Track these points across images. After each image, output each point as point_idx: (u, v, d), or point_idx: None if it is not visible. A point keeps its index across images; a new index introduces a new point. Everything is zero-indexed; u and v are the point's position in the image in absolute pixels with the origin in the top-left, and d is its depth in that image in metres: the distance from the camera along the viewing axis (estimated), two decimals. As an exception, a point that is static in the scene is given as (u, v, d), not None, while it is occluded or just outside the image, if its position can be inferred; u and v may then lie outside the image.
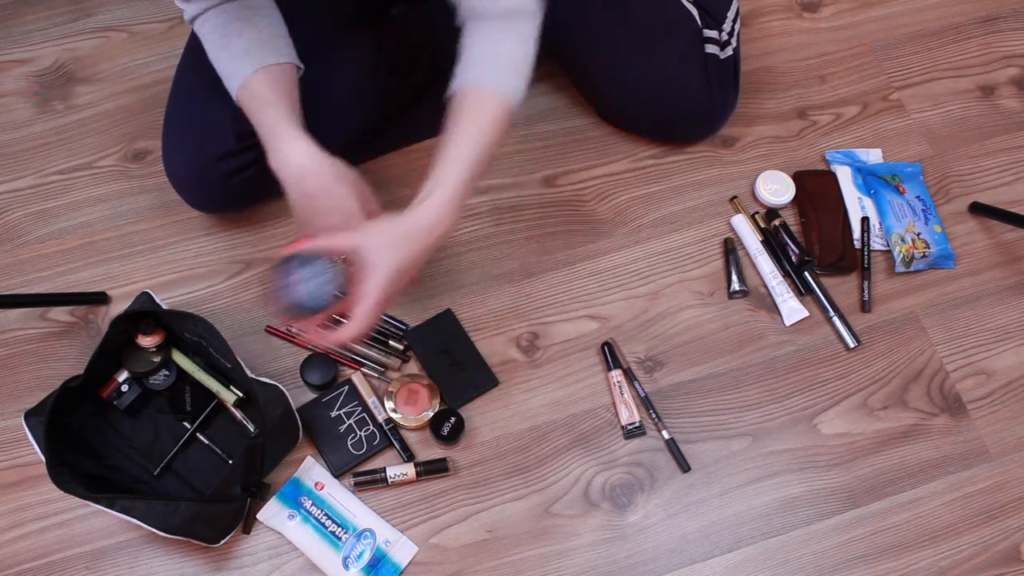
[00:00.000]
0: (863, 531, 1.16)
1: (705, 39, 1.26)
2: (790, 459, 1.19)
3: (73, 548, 1.12)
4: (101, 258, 1.28)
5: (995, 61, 1.46)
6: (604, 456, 1.18)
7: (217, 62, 1.06)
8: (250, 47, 1.04)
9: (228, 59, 1.05)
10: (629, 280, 1.28)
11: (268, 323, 1.24)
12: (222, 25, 1.04)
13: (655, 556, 1.14)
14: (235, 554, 1.12)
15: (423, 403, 1.18)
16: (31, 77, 1.40)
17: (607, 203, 1.33)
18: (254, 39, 1.05)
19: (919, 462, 1.19)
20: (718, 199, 1.34)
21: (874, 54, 1.46)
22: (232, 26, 1.04)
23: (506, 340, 1.24)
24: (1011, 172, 1.38)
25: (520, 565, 1.13)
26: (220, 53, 1.05)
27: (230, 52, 1.04)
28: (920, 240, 1.30)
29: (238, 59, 1.04)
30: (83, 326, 1.24)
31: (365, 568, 1.10)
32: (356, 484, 1.14)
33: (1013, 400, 1.23)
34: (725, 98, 1.30)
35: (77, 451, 1.09)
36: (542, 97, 1.40)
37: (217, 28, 1.04)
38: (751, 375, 1.23)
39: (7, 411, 1.19)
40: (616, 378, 1.21)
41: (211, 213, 1.29)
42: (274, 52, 1.05)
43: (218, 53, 1.05)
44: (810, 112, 1.41)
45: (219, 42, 1.05)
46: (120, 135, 1.36)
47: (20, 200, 1.31)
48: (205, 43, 1.07)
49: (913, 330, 1.27)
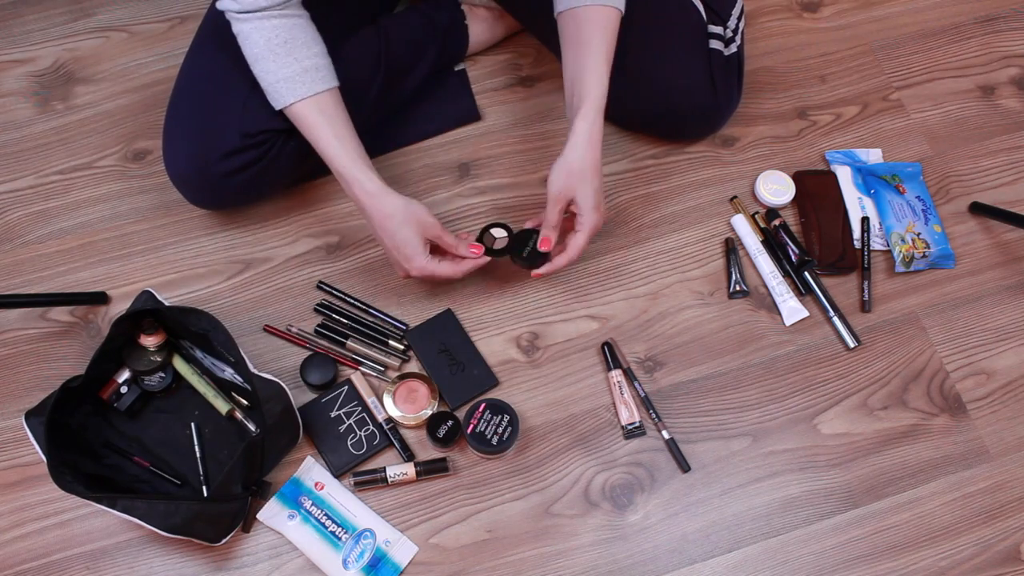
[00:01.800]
0: (863, 531, 1.16)
1: (710, 35, 1.26)
2: (790, 459, 1.19)
3: (73, 548, 1.13)
4: (101, 258, 1.28)
5: (995, 61, 1.46)
6: (604, 456, 1.18)
7: (270, 64, 1.07)
8: (320, 64, 1.08)
9: (292, 68, 1.06)
10: (629, 280, 1.28)
11: (267, 323, 1.24)
12: (289, 28, 1.06)
13: (655, 556, 1.14)
14: (235, 554, 1.12)
15: (422, 401, 1.18)
16: (31, 77, 1.40)
17: (607, 203, 1.33)
18: (321, 55, 1.09)
19: (919, 462, 1.19)
20: (718, 199, 1.34)
21: (874, 54, 1.46)
22: (298, 35, 1.06)
23: (506, 340, 1.24)
24: (1011, 172, 1.38)
25: (520, 565, 1.13)
26: (280, 59, 1.06)
27: (297, 62, 1.06)
28: (920, 240, 1.30)
29: (308, 73, 1.07)
30: (83, 326, 1.24)
31: (365, 568, 1.10)
32: (356, 484, 1.14)
33: (1013, 400, 1.23)
34: (729, 95, 1.30)
35: (78, 451, 1.09)
36: (542, 97, 1.40)
37: (281, 30, 1.06)
38: (751, 375, 1.23)
39: (7, 411, 1.19)
40: (616, 378, 1.21)
41: (210, 210, 1.29)
42: (333, 75, 1.10)
43: (277, 58, 1.06)
44: (810, 112, 1.41)
45: (280, 48, 1.06)
46: (120, 135, 1.36)
47: (20, 200, 1.31)
48: (253, 38, 1.06)
49: (913, 330, 1.27)
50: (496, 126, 1.38)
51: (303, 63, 1.07)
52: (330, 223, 1.30)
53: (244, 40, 1.08)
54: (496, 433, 1.13)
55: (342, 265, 1.28)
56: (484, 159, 1.35)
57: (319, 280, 1.26)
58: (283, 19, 1.06)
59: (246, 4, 1.04)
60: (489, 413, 1.14)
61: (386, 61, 1.27)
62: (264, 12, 1.05)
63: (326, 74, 1.09)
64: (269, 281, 1.27)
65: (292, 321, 1.24)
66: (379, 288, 1.27)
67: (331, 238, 1.30)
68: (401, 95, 1.32)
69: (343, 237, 1.30)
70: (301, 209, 1.31)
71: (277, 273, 1.27)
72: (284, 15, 1.06)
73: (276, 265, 1.28)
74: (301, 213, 1.31)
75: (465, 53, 1.39)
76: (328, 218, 1.31)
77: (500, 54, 1.43)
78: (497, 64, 1.42)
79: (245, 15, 1.05)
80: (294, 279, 1.27)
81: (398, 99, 1.32)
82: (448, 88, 1.38)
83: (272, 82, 1.08)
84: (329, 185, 1.32)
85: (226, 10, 1.07)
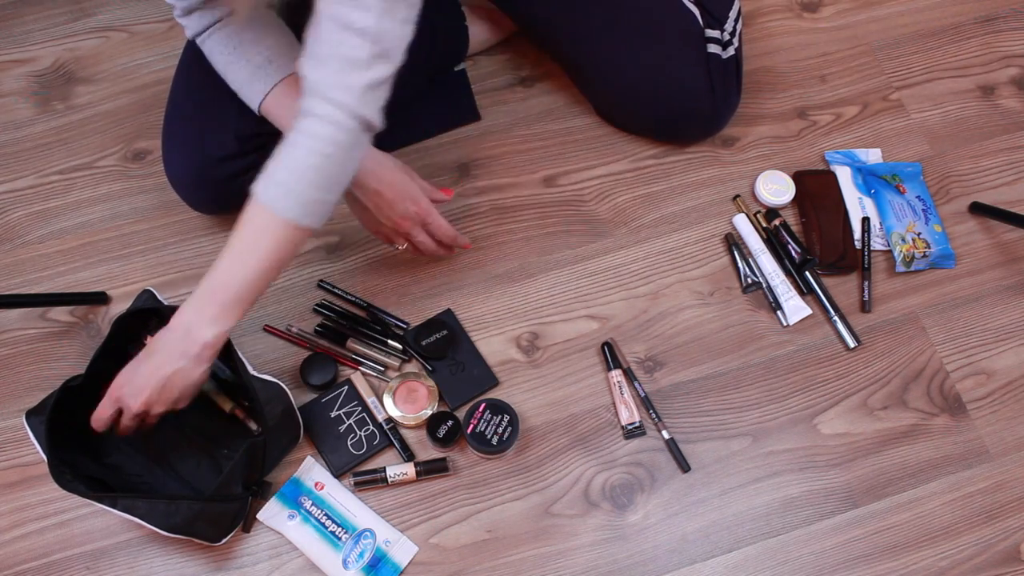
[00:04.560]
0: (863, 531, 1.16)
1: (707, 39, 1.26)
2: (790, 459, 1.19)
3: (73, 548, 1.13)
4: (101, 258, 1.28)
5: (995, 61, 1.46)
6: (604, 456, 1.18)
7: (231, 74, 1.07)
8: (272, 56, 1.06)
9: (247, 70, 1.06)
10: (629, 280, 1.28)
11: (267, 323, 1.24)
12: (234, 35, 1.05)
13: (655, 556, 1.14)
14: (235, 554, 1.12)
15: (422, 401, 1.18)
16: (31, 77, 1.40)
17: (607, 203, 1.33)
18: (272, 47, 1.06)
19: (919, 462, 1.19)
20: (718, 199, 1.34)
21: (874, 54, 1.46)
22: (245, 36, 1.05)
23: (506, 340, 1.24)
24: (1011, 172, 1.38)
25: (520, 565, 1.13)
26: (236, 65, 1.06)
27: (249, 63, 1.05)
28: (920, 240, 1.30)
29: (261, 68, 1.05)
30: (83, 326, 1.24)
31: (365, 568, 1.10)
32: (356, 484, 1.14)
33: (1013, 400, 1.23)
34: (727, 98, 1.30)
35: (78, 451, 1.09)
36: (542, 97, 1.40)
37: (228, 39, 1.05)
38: (751, 375, 1.23)
39: (7, 411, 1.19)
40: (616, 378, 1.21)
41: (210, 214, 1.29)
42: (289, 62, 1.07)
43: (233, 65, 1.06)
44: (810, 112, 1.41)
45: (231, 55, 1.05)
46: (120, 135, 1.36)
47: (20, 200, 1.32)
48: (213, 57, 1.07)
49: (913, 330, 1.27)
50: (496, 126, 1.38)
51: (253, 61, 1.06)
52: (330, 223, 1.30)
53: (210, 60, 1.09)
54: (496, 433, 1.13)
55: (342, 265, 1.28)
56: (484, 159, 1.35)
57: (320, 280, 1.26)
58: (228, 26, 1.06)
59: (195, 28, 1.06)
60: (489, 413, 1.14)
61: (386, 61, 1.26)
62: (211, 28, 1.06)
63: (281, 63, 1.06)
64: (269, 281, 1.27)
65: (292, 321, 1.24)
66: (379, 288, 1.27)
67: (331, 238, 1.30)
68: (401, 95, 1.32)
69: (343, 237, 1.30)
70: (301, 209, 1.31)
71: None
72: (228, 22, 1.06)
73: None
74: (301, 213, 1.31)
75: (465, 53, 1.39)
76: (328, 218, 1.30)
77: (500, 54, 1.43)
78: (497, 64, 1.42)
79: (200, 37, 1.07)
80: (294, 279, 1.27)
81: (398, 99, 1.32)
82: (448, 88, 1.38)
83: (239, 90, 1.08)
84: (329, 185, 1.32)
85: (190, 38, 1.09)
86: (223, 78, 1.09)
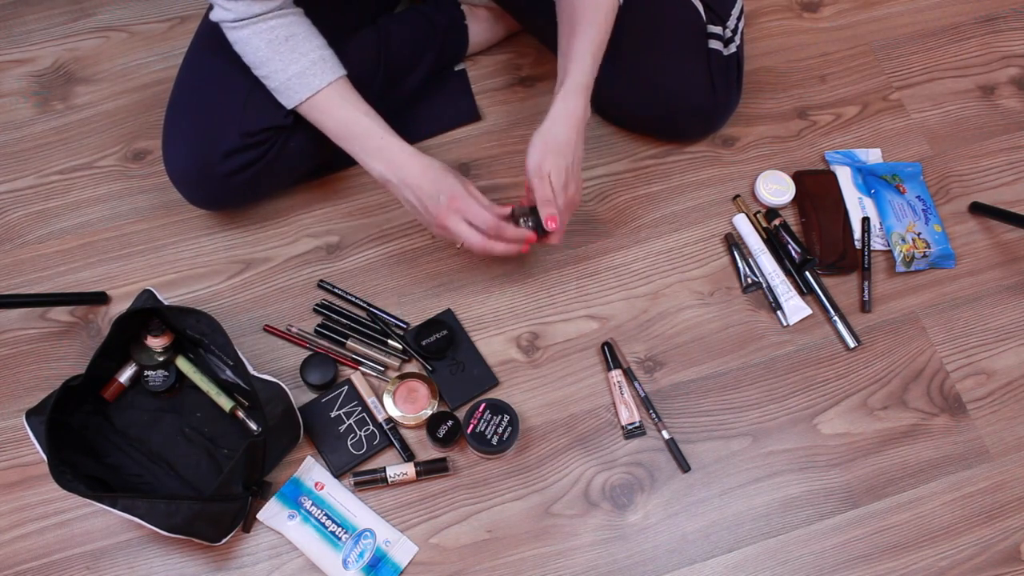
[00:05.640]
0: (863, 531, 1.16)
1: (709, 35, 1.26)
2: (790, 459, 1.19)
3: (73, 548, 1.13)
4: (101, 258, 1.28)
5: (995, 61, 1.46)
6: (604, 456, 1.18)
7: (276, 64, 1.07)
8: (325, 55, 1.09)
9: (299, 64, 1.07)
10: (629, 280, 1.28)
11: (267, 323, 1.24)
12: (286, 27, 1.07)
13: (655, 556, 1.14)
14: (235, 554, 1.12)
15: (422, 401, 1.18)
16: (31, 77, 1.40)
17: (607, 203, 1.33)
18: (323, 47, 1.09)
19: (919, 462, 1.19)
20: (718, 199, 1.34)
21: (874, 54, 1.46)
22: (298, 31, 1.07)
23: (506, 340, 1.24)
24: (1011, 172, 1.38)
25: (520, 565, 1.13)
26: (286, 57, 1.07)
27: (303, 57, 1.07)
28: (920, 240, 1.30)
29: (316, 65, 1.08)
30: (83, 326, 1.24)
31: (365, 568, 1.10)
32: (356, 484, 1.14)
33: (1013, 400, 1.23)
34: (728, 95, 1.30)
35: (78, 450, 1.09)
36: (542, 97, 1.40)
37: (278, 30, 1.06)
38: (751, 375, 1.23)
39: (7, 411, 1.19)
40: (616, 378, 1.21)
41: (210, 210, 1.29)
42: (340, 62, 1.10)
43: (282, 57, 1.07)
44: (810, 112, 1.41)
45: (282, 46, 1.07)
46: (120, 135, 1.36)
47: (20, 200, 1.32)
48: (252, 44, 1.07)
49: (913, 330, 1.27)
50: (496, 126, 1.38)
51: (310, 56, 1.07)
52: (330, 223, 1.30)
53: (244, 46, 1.08)
54: (496, 433, 1.13)
55: (342, 265, 1.28)
56: (484, 159, 1.35)
57: (320, 280, 1.26)
58: (280, 18, 1.06)
59: (241, 12, 1.05)
60: (489, 413, 1.14)
61: (386, 61, 1.27)
62: (261, 16, 1.05)
63: (334, 63, 1.10)
64: (269, 281, 1.27)
65: (292, 321, 1.24)
66: (379, 288, 1.27)
67: (331, 238, 1.30)
68: (401, 95, 1.32)
69: (343, 237, 1.30)
70: (301, 209, 1.31)
71: (277, 273, 1.27)
72: (281, 14, 1.06)
73: (276, 265, 1.28)
74: (301, 213, 1.31)
75: (465, 53, 1.39)
76: (328, 218, 1.31)
77: (500, 54, 1.43)
78: (497, 64, 1.42)
79: (241, 22, 1.06)
80: (294, 279, 1.27)
81: (398, 99, 1.32)
82: (448, 88, 1.38)
83: (283, 80, 1.08)
84: (329, 185, 1.32)
85: (220, 21, 1.07)
86: (256, 67, 1.09)
